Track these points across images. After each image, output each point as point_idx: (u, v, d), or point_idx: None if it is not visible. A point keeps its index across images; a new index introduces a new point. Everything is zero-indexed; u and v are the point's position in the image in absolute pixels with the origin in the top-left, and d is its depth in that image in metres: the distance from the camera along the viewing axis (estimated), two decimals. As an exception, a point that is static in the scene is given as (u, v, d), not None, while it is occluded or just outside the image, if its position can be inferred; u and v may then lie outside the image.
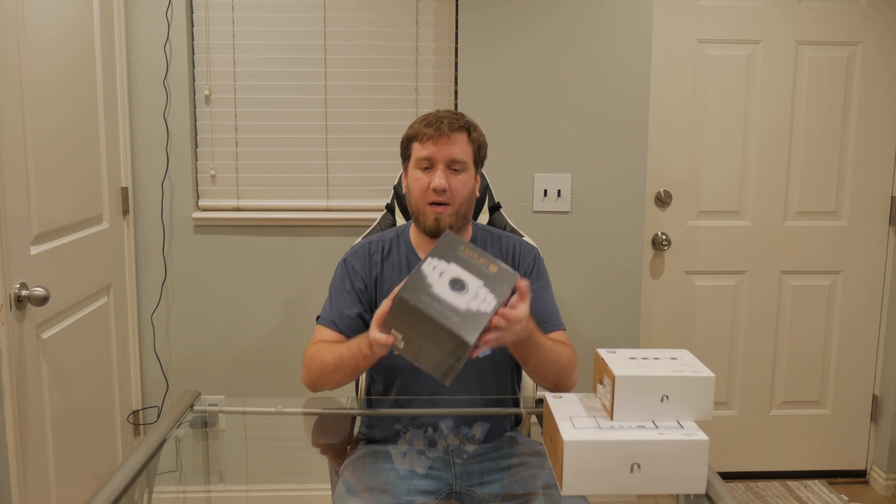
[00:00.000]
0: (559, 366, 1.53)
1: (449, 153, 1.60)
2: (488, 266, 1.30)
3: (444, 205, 1.59)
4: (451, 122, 1.61)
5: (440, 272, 1.28)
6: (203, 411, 1.74)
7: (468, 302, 1.26)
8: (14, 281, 1.78)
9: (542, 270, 1.71)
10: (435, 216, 1.60)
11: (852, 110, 2.78)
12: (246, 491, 2.28)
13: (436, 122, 1.60)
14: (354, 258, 1.69)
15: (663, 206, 2.79)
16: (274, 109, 2.60)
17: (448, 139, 1.60)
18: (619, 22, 2.56)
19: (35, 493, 1.88)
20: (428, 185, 1.59)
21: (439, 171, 1.59)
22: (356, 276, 1.66)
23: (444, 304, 1.24)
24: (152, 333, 2.62)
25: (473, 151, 1.65)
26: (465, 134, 1.63)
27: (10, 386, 1.75)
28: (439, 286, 1.26)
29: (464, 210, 1.63)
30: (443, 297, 1.25)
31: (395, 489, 1.50)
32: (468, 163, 1.62)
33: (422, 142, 1.61)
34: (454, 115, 1.64)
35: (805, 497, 2.82)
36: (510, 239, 1.74)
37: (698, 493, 1.23)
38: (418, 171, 1.62)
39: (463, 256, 1.30)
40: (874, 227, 2.85)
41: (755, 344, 2.90)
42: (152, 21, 2.48)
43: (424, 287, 1.26)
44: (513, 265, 1.69)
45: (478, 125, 1.69)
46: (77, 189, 2.14)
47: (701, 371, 1.27)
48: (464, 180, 1.61)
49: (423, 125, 1.62)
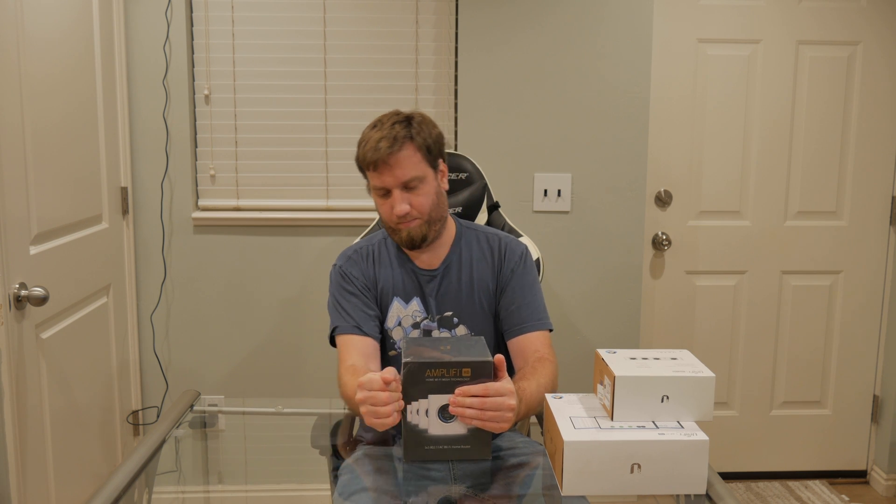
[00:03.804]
0: (541, 399, 1.50)
1: (398, 178, 1.55)
2: (461, 372, 1.29)
3: (414, 220, 1.58)
4: (389, 144, 1.53)
5: (425, 410, 1.29)
6: (202, 411, 1.74)
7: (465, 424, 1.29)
8: (13, 281, 1.77)
9: (528, 267, 1.69)
10: (406, 231, 1.59)
11: (853, 110, 2.77)
12: (245, 491, 2.28)
13: (374, 148, 1.53)
14: (349, 265, 1.69)
15: (663, 206, 2.79)
16: (273, 109, 2.60)
17: (394, 164, 1.53)
18: (619, 21, 2.55)
19: (34, 493, 1.88)
20: (391, 210, 1.57)
21: (395, 197, 1.56)
22: (357, 281, 1.66)
23: (448, 441, 1.29)
24: (152, 333, 2.62)
25: (424, 156, 1.58)
26: (409, 145, 1.55)
27: (10, 386, 1.75)
28: (433, 425, 1.30)
29: (435, 215, 1.61)
30: (442, 434, 1.29)
31: (395, 490, 1.50)
32: (422, 174, 1.57)
33: (369, 170, 1.57)
34: (391, 128, 1.55)
35: (805, 497, 2.81)
36: (496, 236, 1.72)
37: (699, 493, 1.22)
38: (378, 196, 1.60)
39: (434, 381, 1.29)
40: (875, 227, 2.85)
41: (755, 344, 2.90)
42: (152, 21, 2.48)
43: (421, 438, 1.30)
44: (499, 262, 1.68)
45: (420, 118, 1.60)
46: (76, 189, 2.13)
47: (701, 371, 1.27)
48: (423, 193, 1.58)
49: (366, 149, 1.55)
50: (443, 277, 1.67)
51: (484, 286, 1.68)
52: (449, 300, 1.66)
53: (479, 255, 1.69)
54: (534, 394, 1.47)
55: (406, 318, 1.66)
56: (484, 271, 1.68)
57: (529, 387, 1.47)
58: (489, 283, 1.68)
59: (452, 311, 1.66)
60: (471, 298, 1.67)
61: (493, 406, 1.27)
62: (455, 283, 1.67)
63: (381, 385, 1.26)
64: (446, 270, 1.67)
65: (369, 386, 1.27)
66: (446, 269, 1.68)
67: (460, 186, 2.07)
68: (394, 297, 1.67)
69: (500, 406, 1.28)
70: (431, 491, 1.53)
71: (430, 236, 1.62)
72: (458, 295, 1.67)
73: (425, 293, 1.66)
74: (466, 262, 1.68)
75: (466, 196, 2.06)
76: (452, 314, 1.66)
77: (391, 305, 1.67)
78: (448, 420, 1.30)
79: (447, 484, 1.56)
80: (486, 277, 1.68)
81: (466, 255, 1.69)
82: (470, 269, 1.68)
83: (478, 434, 1.31)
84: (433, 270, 1.67)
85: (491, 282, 1.68)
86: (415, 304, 1.66)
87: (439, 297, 1.66)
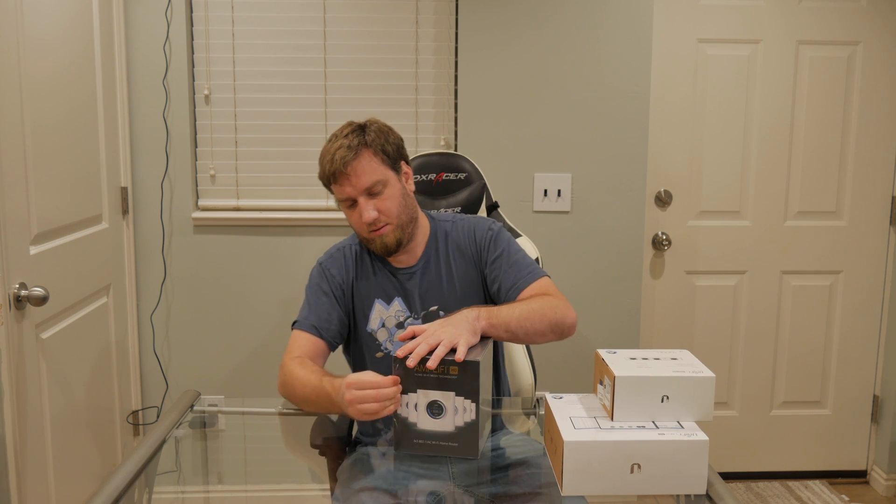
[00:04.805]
0: (542, 317, 1.53)
1: (360, 185, 1.55)
2: (448, 370, 1.34)
3: (384, 225, 1.59)
4: (344, 154, 1.54)
5: (415, 404, 1.35)
6: (202, 412, 1.74)
7: (453, 421, 1.34)
8: (13, 281, 1.77)
9: (500, 240, 1.69)
10: (380, 239, 1.60)
11: (853, 110, 2.77)
12: (245, 491, 2.27)
13: (331, 160, 1.55)
14: (331, 262, 1.69)
15: (663, 206, 2.79)
16: (274, 109, 2.60)
17: (351, 173, 1.55)
18: (619, 21, 2.56)
19: (34, 493, 1.88)
20: (360, 219, 1.58)
21: (361, 205, 1.56)
22: (334, 282, 1.66)
23: (436, 437, 1.35)
24: (152, 333, 2.62)
25: (382, 160, 1.58)
26: (365, 151, 1.56)
27: (10, 386, 1.75)
28: (422, 420, 1.35)
29: (405, 217, 1.61)
30: (431, 430, 1.35)
31: (394, 489, 1.50)
32: (383, 178, 1.57)
33: (332, 184, 1.58)
34: (346, 137, 1.57)
35: (805, 497, 2.81)
36: (464, 221, 1.73)
37: (699, 493, 1.22)
38: (346, 208, 1.61)
39: (422, 376, 1.34)
40: (875, 227, 2.85)
41: (755, 344, 2.90)
42: (152, 21, 2.48)
43: (410, 432, 1.36)
44: (476, 251, 1.68)
45: (375, 125, 1.61)
46: (76, 189, 2.13)
47: (701, 371, 1.27)
48: (389, 196, 1.58)
49: (324, 163, 1.57)
50: (423, 273, 1.67)
51: (466, 277, 1.68)
52: (432, 294, 1.66)
53: (454, 246, 1.70)
54: (509, 309, 1.51)
55: (389, 319, 1.66)
56: (463, 261, 1.69)
57: (502, 307, 1.52)
58: (473, 275, 1.68)
59: (437, 304, 1.66)
60: (453, 289, 1.66)
61: (429, 332, 1.38)
62: (435, 276, 1.67)
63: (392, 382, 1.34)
64: (425, 266, 1.68)
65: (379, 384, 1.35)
66: (425, 265, 1.68)
67: (459, 186, 2.07)
68: (375, 299, 1.66)
69: (432, 330, 1.37)
70: (430, 491, 1.53)
71: (405, 240, 1.62)
72: (440, 288, 1.66)
73: (407, 291, 1.66)
74: (444, 254, 1.69)
75: (465, 196, 2.06)
76: (438, 308, 1.66)
77: (373, 308, 1.66)
78: (436, 416, 1.34)
79: (445, 483, 1.56)
80: (467, 268, 1.68)
81: (443, 248, 1.69)
82: (448, 260, 1.68)
83: (466, 433, 1.34)
84: (411, 268, 1.67)
85: (475, 273, 1.68)
86: (397, 304, 1.66)
87: (422, 292, 1.66)
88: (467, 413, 1.34)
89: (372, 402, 1.34)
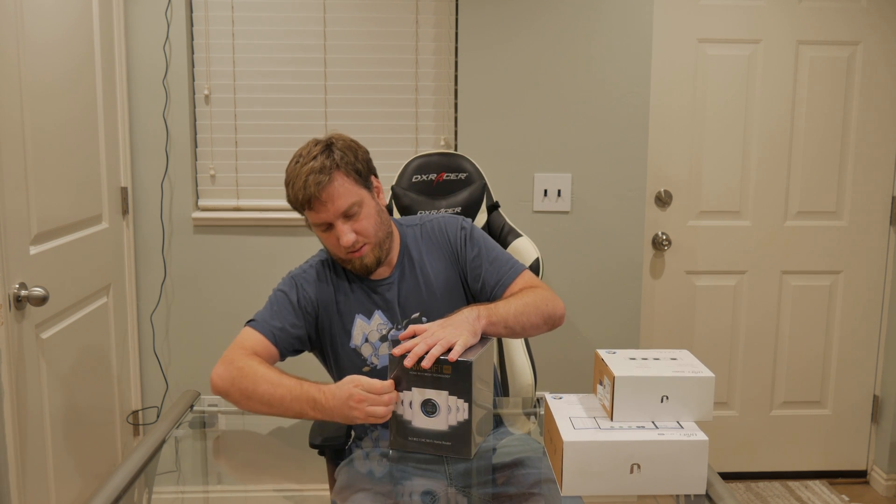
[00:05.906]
0: (536, 311, 1.55)
1: (337, 210, 1.52)
2: (441, 369, 1.35)
3: (363, 245, 1.56)
4: (317, 179, 1.49)
5: (410, 402, 1.37)
6: (202, 412, 1.74)
7: (447, 420, 1.36)
8: (13, 281, 1.77)
9: (474, 238, 1.68)
10: (359, 261, 1.58)
11: (853, 110, 2.77)
12: (245, 491, 2.27)
13: (303, 186, 1.49)
14: (304, 278, 1.65)
15: (664, 206, 2.79)
16: (274, 109, 2.60)
17: (327, 199, 1.50)
18: (619, 21, 2.55)
19: (34, 493, 1.88)
20: (338, 243, 1.55)
21: (339, 229, 1.53)
22: (305, 298, 1.62)
23: (430, 435, 1.37)
24: (152, 333, 2.62)
25: (355, 180, 1.55)
26: (337, 174, 1.52)
27: (10, 386, 1.75)
28: (416, 418, 1.37)
29: (382, 234, 1.59)
30: (425, 428, 1.37)
31: (392, 489, 1.50)
32: (359, 199, 1.54)
33: (305, 209, 1.54)
34: (314, 159, 1.51)
35: (806, 497, 2.81)
36: (433, 222, 1.71)
37: (698, 493, 1.23)
38: (320, 231, 1.57)
39: (417, 375, 1.36)
40: (875, 227, 2.84)
41: (755, 344, 2.90)
42: (152, 21, 2.48)
43: (405, 429, 1.38)
44: (451, 250, 1.68)
45: (338, 140, 1.57)
46: (76, 189, 2.13)
47: (701, 371, 1.27)
48: (365, 216, 1.55)
49: (296, 189, 1.51)
50: (399, 283, 1.65)
51: (444, 278, 1.66)
52: (412, 302, 1.65)
53: (426, 249, 1.68)
54: (505, 306, 1.52)
55: (372, 333, 1.63)
56: (438, 262, 1.67)
57: (498, 304, 1.54)
58: (450, 274, 1.67)
59: (419, 311, 1.65)
60: (432, 293, 1.65)
61: (428, 331, 1.39)
62: (412, 284, 1.65)
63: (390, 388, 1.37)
64: (401, 275, 1.65)
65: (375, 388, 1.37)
66: (401, 274, 1.65)
67: (460, 186, 2.07)
68: (355, 315, 1.64)
69: (432, 331, 1.39)
70: (426, 491, 1.53)
71: (383, 257, 1.60)
72: (419, 294, 1.65)
73: (387, 302, 1.64)
74: (417, 260, 1.67)
75: (466, 196, 2.06)
76: (420, 314, 1.65)
77: (354, 324, 1.63)
78: (430, 415, 1.36)
79: (443, 483, 1.56)
80: (443, 268, 1.67)
81: (416, 254, 1.67)
82: (423, 264, 1.66)
83: (459, 432, 1.36)
84: (388, 279, 1.65)
85: (453, 272, 1.67)
86: (377, 318, 1.63)
87: (402, 301, 1.64)
88: (460, 412, 1.35)
89: (380, 404, 1.34)
